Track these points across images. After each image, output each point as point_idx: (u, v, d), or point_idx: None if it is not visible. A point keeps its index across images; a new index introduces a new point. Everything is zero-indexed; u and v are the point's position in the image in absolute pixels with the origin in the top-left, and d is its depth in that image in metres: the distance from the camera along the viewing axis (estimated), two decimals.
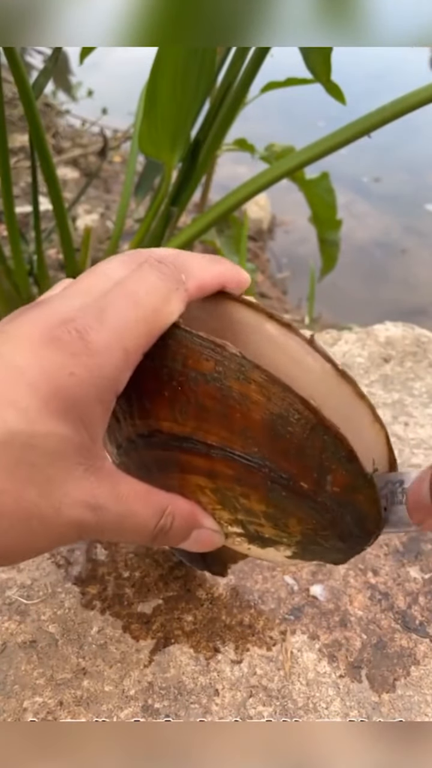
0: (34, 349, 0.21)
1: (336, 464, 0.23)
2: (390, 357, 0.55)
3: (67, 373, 0.21)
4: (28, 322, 0.22)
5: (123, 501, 0.23)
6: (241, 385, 0.23)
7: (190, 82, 0.50)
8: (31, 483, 0.21)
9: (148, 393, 0.25)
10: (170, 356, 0.24)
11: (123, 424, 0.27)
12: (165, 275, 0.24)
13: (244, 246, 0.87)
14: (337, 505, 0.24)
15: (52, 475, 0.21)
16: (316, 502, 0.24)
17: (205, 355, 0.23)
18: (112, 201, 1.42)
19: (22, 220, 1.14)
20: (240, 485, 0.25)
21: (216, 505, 0.26)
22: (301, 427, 0.23)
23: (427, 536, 0.39)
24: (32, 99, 0.49)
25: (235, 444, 0.24)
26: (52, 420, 0.21)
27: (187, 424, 0.24)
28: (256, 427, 0.23)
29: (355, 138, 0.47)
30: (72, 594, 0.34)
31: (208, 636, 0.32)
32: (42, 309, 0.23)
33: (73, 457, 0.22)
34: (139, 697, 0.30)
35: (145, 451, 0.26)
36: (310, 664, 0.32)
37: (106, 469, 0.23)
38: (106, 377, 0.22)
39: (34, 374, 0.21)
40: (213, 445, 0.24)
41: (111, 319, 0.22)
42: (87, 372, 0.21)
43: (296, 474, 0.23)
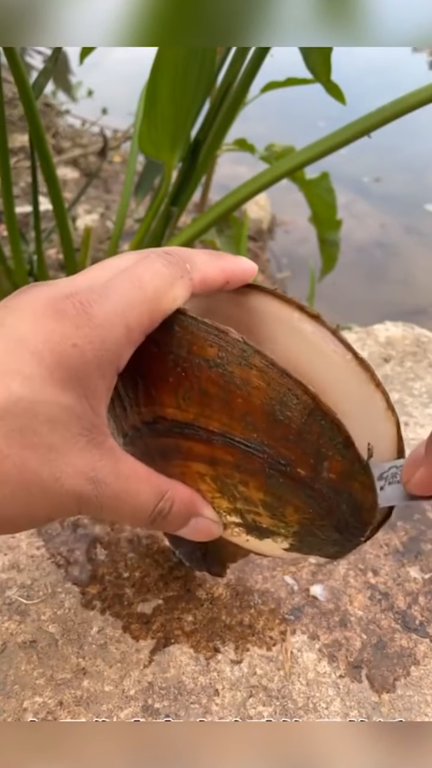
0: (37, 320, 0.22)
1: (332, 450, 0.23)
2: (390, 357, 0.55)
3: (71, 344, 0.21)
4: (32, 296, 0.23)
5: (123, 479, 0.24)
6: (242, 371, 0.23)
7: (190, 82, 0.50)
8: (33, 450, 0.21)
9: (153, 379, 0.25)
10: (176, 342, 0.24)
11: (129, 413, 0.27)
12: (170, 263, 0.24)
13: (244, 246, 0.87)
14: (334, 492, 0.24)
15: (54, 444, 0.21)
16: (313, 489, 0.24)
17: (209, 341, 0.23)
18: (112, 201, 1.42)
19: (22, 220, 1.14)
20: (239, 472, 0.25)
21: (215, 493, 0.26)
22: (299, 412, 0.23)
23: (427, 536, 0.39)
24: (32, 99, 0.49)
25: (235, 430, 0.24)
26: (56, 389, 0.21)
27: (189, 411, 0.25)
28: (256, 412, 0.23)
29: (355, 138, 0.47)
30: (72, 594, 0.34)
31: (208, 636, 0.32)
32: (46, 285, 0.23)
33: (75, 427, 0.22)
34: (139, 697, 0.30)
35: (150, 439, 0.27)
36: (310, 664, 0.32)
37: (108, 445, 0.23)
38: (108, 350, 0.22)
39: (37, 344, 0.21)
40: (214, 431, 0.24)
41: (114, 296, 0.23)
42: (90, 344, 0.22)
43: (294, 460, 0.24)
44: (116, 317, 0.22)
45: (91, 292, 0.22)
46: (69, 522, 0.38)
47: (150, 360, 0.25)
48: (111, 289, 0.23)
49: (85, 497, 0.23)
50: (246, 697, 0.30)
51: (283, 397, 0.23)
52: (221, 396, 0.24)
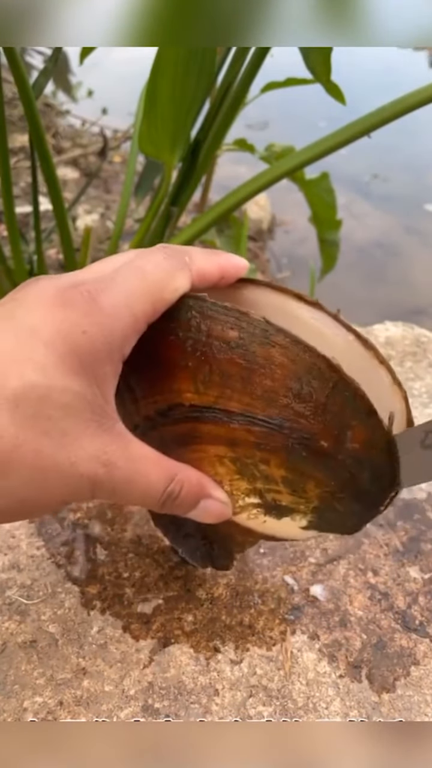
0: (47, 310, 0.22)
1: (356, 420, 0.24)
2: (390, 357, 0.55)
3: (81, 332, 0.22)
4: (39, 287, 0.23)
5: (133, 461, 0.24)
6: (264, 350, 0.24)
7: (190, 82, 0.50)
8: (48, 436, 0.22)
9: (170, 367, 0.25)
10: (194, 328, 0.25)
11: (141, 404, 0.27)
12: (170, 256, 0.25)
13: (244, 246, 0.87)
14: (356, 462, 0.25)
15: (67, 429, 0.22)
16: (336, 460, 0.25)
17: (230, 324, 0.24)
18: (112, 201, 1.42)
19: (22, 220, 1.14)
20: (260, 450, 0.25)
21: (234, 475, 0.27)
22: (323, 385, 0.23)
23: (427, 536, 0.39)
24: (32, 99, 0.49)
25: (257, 408, 0.24)
26: (68, 376, 0.22)
27: (209, 393, 0.25)
28: (279, 388, 0.24)
29: (355, 138, 0.47)
30: (72, 594, 0.34)
31: (208, 636, 0.32)
32: (52, 278, 0.24)
33: (86, 413, 0.23)
34: (139, 697, 0.30)
35: (164, 428, 0.27)
36: (310, 664, 0.32)
37: (117, 429, 0.24)
38: (116, 338, 0.23)
39: (49, 333, 0.22)
40: (234, 411, 0.25)
41: (120, 286, 0.23)
42: (99, 331, 0.22)
43: (317, 433, 0.24)
44: (123, 306, 0.23)
45: (98, 282, 0.23)
46: (69, 522, 0.38)
47: (167, 348, 0.25)
48: (116, 281, 0.23)
49: (99, 480, 0.23)
50: (246, 697, 0.30)
51: (307, 372, 0.23)
52: (243, 376, 0.24)
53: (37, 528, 0.37)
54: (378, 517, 0.39)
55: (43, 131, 0.52)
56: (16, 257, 0.63)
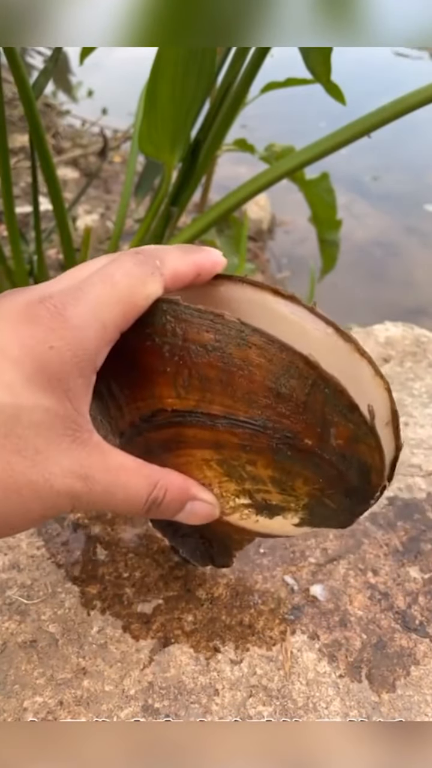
0: (12, 326, 0.22)
1: (338, 416, 0.24)
2: (390, 357, 0.55)
3: (47, 347, 0.22)
4: (7, 303, 0.23)
5: (112, 472, 0.24)
6: (241, 351, 0.23)
7: (190, 83, 0.50)
8: (20, 454, 0.22)
9: (150, 373, 0.25)
10: (170, 333, 0.24)
11: (125, 411, 0.27)
12: (140, 262, 0.25)
13: (244, 246, 0.87)
14: (342, 458, 0.25)
15: (39, 446, 0.22)
16: (322, 458, 0.24)
17: (205, 327, 0.24)
18: (112, 201, 1.42)
19: (22, 220, 1.14)
20: (246, 452, 0.25)
21: (222, 477, 0.26)
22: (302, 384, 0.23)
23: (427, 536, 0.39)
24: (32, 99, 0.49)
25: (238, 411, 0.24)
26: (37, 393, 0.22)
27: (190, 398, 0.25)
28: (258, 389, 0.24)
29: (355, 138, 0.47)
30: (72, 594, 0.34)
31: (208, 636, 0.32)
32: (21, 292, 0.24)
33: (59, 428, 0.23)
34: (139, 696, 0.30)
35: (149, 434, 0.27)
36: (310, 663, 0.32)
37: (93, 441, 0.24)
38: (85, 349, 0.23)
39: (15, 350, 0.22)
40: (217, 415, 0.25)
41: (88, 297, 0.23)
42: (66, 345, 0.22)
43: (300, 431, 0.24)
44: (91, 317, 0.23)
45: (65, 294, 0.23)
46: (69, 522, 0.38)
47: (144, 354, 0.25)
48: (84, 291, 0.23)
49: (77, 494, 0.23)
50: (246, 697, 0.30)
51: (285, 371, 0.23)
52: (222, 379, 0.24)
53: (37, 528, 0.37)
54: (378, 517, 0.39)
55: (43, 131, 0.52)
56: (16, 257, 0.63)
